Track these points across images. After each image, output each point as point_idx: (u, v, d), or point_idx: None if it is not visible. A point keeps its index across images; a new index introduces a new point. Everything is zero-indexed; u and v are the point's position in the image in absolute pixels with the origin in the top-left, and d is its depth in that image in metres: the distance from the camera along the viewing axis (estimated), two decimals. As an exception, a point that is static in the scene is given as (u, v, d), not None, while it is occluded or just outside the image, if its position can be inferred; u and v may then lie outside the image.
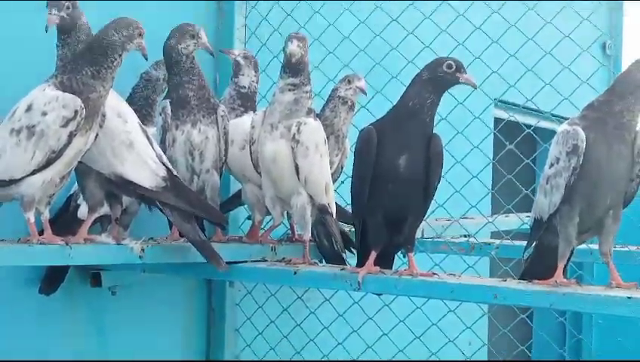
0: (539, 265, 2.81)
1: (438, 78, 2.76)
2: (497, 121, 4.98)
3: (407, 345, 3.63)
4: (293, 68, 2.94)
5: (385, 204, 2.76)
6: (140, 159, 2.68)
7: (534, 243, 2.89)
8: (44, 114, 2.48)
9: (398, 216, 2.78)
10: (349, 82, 3.35)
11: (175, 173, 2.80)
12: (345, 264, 3.09)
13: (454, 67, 2.76)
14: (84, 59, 2.55)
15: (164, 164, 2.74)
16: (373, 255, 2.81)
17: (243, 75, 3.31)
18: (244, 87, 3.32)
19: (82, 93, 2.50)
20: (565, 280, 2.67)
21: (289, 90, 2.95)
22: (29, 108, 2.50)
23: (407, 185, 2.74)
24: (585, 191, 2.63)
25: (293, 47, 2.92)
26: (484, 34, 3.59)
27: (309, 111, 2.99)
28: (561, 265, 2.68)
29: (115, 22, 2.60)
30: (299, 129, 2.93)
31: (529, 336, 4.23)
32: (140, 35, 2.61)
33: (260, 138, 3.00)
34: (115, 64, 2.56)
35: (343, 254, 3.17)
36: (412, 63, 3.41)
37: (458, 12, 3.62)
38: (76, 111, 2.48)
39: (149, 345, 3.42)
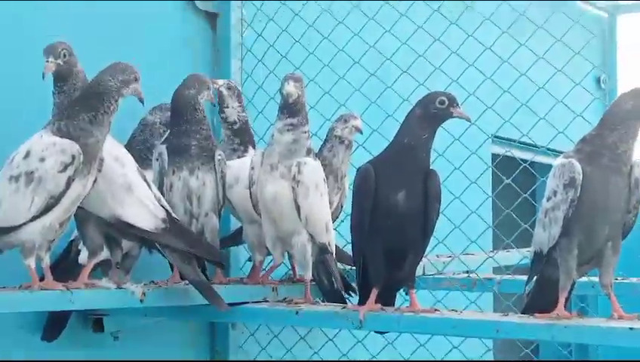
0: (541, 298, 2.81)
1: (432, 113, 2.78)
2: (495, 156, 5.02)
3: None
4: (291, 108, 2.97)
5: (384, 241, 2.77)
6: (139, 202, 2.70)
7: (535, 277, 2.89)
8: (42, 160, 2.50)
9: (398, 253, 2.79)
10: (345, 121, 3.39)
11: (174, 215, 2.82)
12: (345, 302, 3.09)
13: (447, 102, 2.78)
14: (80, 105, 2.57)
15: (162, 206, 2.76)
16: (374, 292, 2.81)
17: (227, 107, 3.34)
18: (235, 123, 3.34)
19: (79, 139, 2.53)
20: (567, 312, 2.68)
21: (287, 130, 2.97)
22: (27, 155, 2.52)
23: (405, 222, 2.75)
24: (583, 223, 2.64)
25: (290, 87, 2.95)
26: (477, 70, 3.62)
27: (309, 151, 3.00)
28: (562, 298, 2.68)
29: (110, 67, 2.63)
30: (299, 169, 2.95)
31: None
32: (136, 79, 2.64)
33: (260, 179, 3.02)
34: (111, 109, 2.59)
35: (343, 293, 3.17)
36: (407, 101, 3.44)
37: (451, 50, 3.66)
38: (74, 156, 2.50)
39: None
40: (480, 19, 3.67)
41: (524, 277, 3.68)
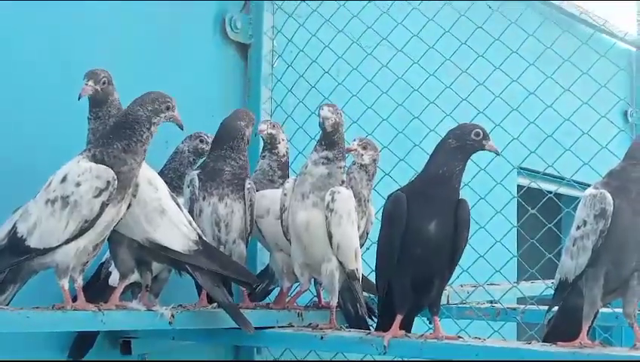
0: (563, 326, 2.83)
1: (467, 145, 2.82)
2: (520, 187, 5.03)
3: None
4: (329, 138, 2.98)
5: (412, 268, 2.81)
6: (172, 224, 2.77)
7: (558, 306, 2.91)
8: (78, 184, 2.57)
9: (425, 280, 2.83)
10: (364, 148, 3.42)
11: (204, 237, 2.87)
12: (369, 329, 3.12)
13: (482, 135, 2.83)
14: (114, 134, 2.65)
15: (194, 229, 2.82)
16: (398, 318, 2.84)
17: (279, 142, 3.40)
18: (284, 156, 3.41)
19: (114, 166, 2.60)
20: (589, 341, 2.69)
21: (322, 163, 3.00)
22: (63, 180, 2.59)
23: (435, 250, 2.79)
24: (611, 254, 2.67)
25: (325, 111, 2.96)
26: (503, 101, 3.66)
27: (342, 183, 3.04)
28: (585, 327, 2.71)
29: (142, 96, 2.71)
30: (333, 198, 2.98)
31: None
32: (169, 108, 2.70)
33: (292, 206, 3.05)
34: (144, 137, 2.65)
35: (367, 319, 3.21)
36: (434, 131, 3.50)
37: (478, 81, 3.71)
38: (108, 182, 2.57)
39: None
40: (507, 52, 3.72)
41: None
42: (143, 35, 3.53)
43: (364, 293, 3.35)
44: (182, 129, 2.81)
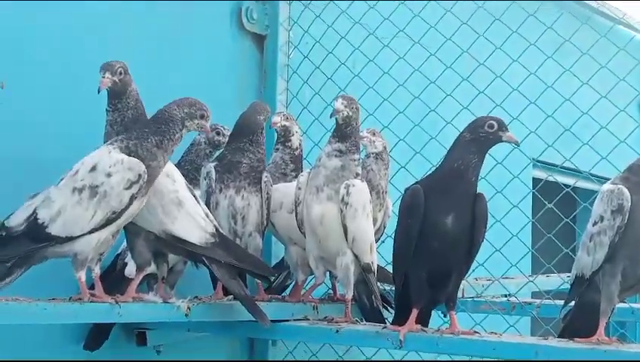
0: (579, 322, 2.82)
1: (481, 138, 2.80)
2: (536, 181, 5.01)
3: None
4: (341, 131, 2.97)
5: (429, 262, 2.79)
6: (189, 216, 2.76)
7: (574, 301, 2.90)
8: (109, 175, 2.56)
9: (442, 274, 2.81)
10: (374, 134, 3.42)
11: (221, 229, 2.87)
12: (384, 322, 3.11)
13: (496, 126, 2.80)
14: (150, 129, 2.65)
15: (211, 221, 2.82)
16: (414, 312, 2.83)
17: (293, 135, 3.39)
18: (297, 149, 3.39)
19: (145, 160, 2.60)
20: (607, 337, 2.67)
21: (335, 156, 2.98)
22: (93, 169, 2.57)
23: (453, 244, 2.77)
24: (628, 250, 2.65)
25: (338, 104, 2.95)
26: (521, 94, 3.64)
27: (356, 175, 3.02)
28: (602, 323, 2.69)
29: (180, 99, 2.72)
30: (348, 191, 2.96)
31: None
32: (202, 117, 2.71)
33: (306, 200, 3.04)
34: (176, 137, 2.66)
35: (383, 312, 3.21)
36: (450, 124, 3.48)
37: (495, 74, 3.68)
38: (140, 175, 2.57)
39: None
40: (525, 45, 3.69)
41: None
42: (158, 26, 3.52)
43: (380, 285, 3.35)
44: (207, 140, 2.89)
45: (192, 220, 2.75)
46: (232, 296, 2.95)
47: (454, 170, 2.79)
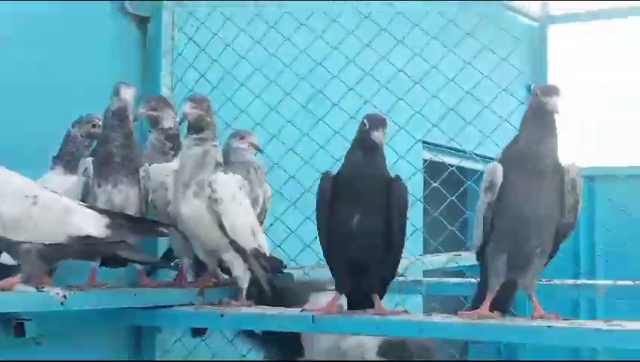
0: (481, 296, 2.78)
1: (361, 134, 2.75)
2: (426, 162, 5.07)
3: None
4: (195, 127, 2.97)
5: (344, 252, 2.75)
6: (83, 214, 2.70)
7: (479, 279, 2.90)
8: None
9: (360, 263, 2.76)
10: (242, 138, 3.40)
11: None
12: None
13: (367, 125, 2.72)
14: None
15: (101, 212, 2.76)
16: (336, 296, 2.82)
17: (164, 119, 3.30)
18: (170, 128, 3.30)
19: None
20: (490, 312, 2.69)
21: (195, 145, 2.97)
22: None
23: (361, 241, 2.71)
24: (507, 227, 2.66)
25: (186, 108, 2.95)
26: (407, 76, 3.66)
27: (218, 165, 2.99)
28: (488, 298, 2.71)
29: None
30: (212, 188, 2.94)
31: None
32: None
33: (175, 199, 3.00)
34: None
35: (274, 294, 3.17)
36: (337, 105, 3.48)
37: (380, 55, 3.69)
38: None
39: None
40: (410, 26, 3.71)
41: (452, 280, 3.76)
42: (37, 8, 3.37)
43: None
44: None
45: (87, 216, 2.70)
46: (109, 283, 2.90)
47: (355, 164, 2.73)
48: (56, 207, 2.66)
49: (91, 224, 2.68)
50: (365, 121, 2.73)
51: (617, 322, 2.48)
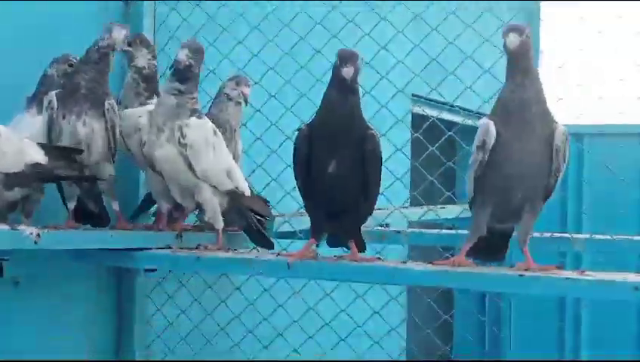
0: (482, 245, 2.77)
1: (335, 72, 2.70)
2: (416, 116, 5.06)
3: (317, 332, 3.65)
4: (181, 75, 2.96)
5: (322, 200, 2.75)
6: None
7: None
8: None
9: (337, 212, 2.76)
10: (237, 84, 3.38)
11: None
12: (270, 243, 3.18)
13: (338, 62, 2.67)
14: None
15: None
16: (311, 241, 2.82)
17: (137, 57, 3.27)
18: (144, 68, 3.27)
19: None
20: (466, 261, 2.70)
21: (173, 94, 2.97)
22: None
23: (338, 186, 2.70)
24: (495, 183, 2.64)
25: (182, 55, 2.95)
26: (390, 24, 3.62)
27: (193, 112, 2.99)
28: (465, 246, 2.72)
29: None
30: (182, 132, 2.95)
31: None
32: None
33: (149, 141, 3.01)
34: None
35: (264, 233, 3.22)
36: (304, 69, 3.49)
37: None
38: None
39: (56, 337, 3.33)
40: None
41: (431, 231, 3.77)
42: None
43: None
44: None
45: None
46: (88, 224, 2.90)
47: (329, 109, 2.69)
48: (15, 139, 2.76)
49: (38, 153, 2.81)
50: (337, 57, 2.69)
51: (590, 273, 2.49)
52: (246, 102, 3.41)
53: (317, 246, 3.32)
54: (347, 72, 2.63)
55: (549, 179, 2.65)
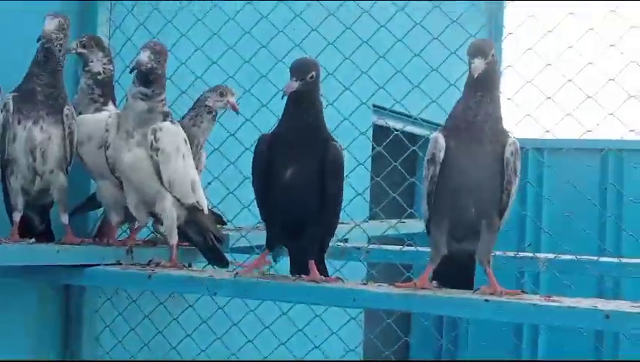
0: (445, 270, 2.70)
1: None
2: (378, 128, 4.98)
3: (273, 351, 3.54)
4: (144, 77, 2.85)
5: (279, 212, 2.69)
6: None
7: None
8: None
9: (295, 225, 2.69)
10: (222, 95, 3.26)
11: None
12: (225, 261, 3.09)
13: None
14: None
15: None
16: (260, 257, 2.77)
17: (92, 61, 3.14)
18: (100, 73, 3.14)
19: None
20: (428, 283, 2.61)
21: (140, 99, 2.86)
22: None
23: (295, 197, 2.64)
24: (448, 198, 2.57)
25: (144, 57, 2.83)
26: (355, 34, 3.53)
27: (165, 115, 2.90)
28: (428, 269, 2.64)
29: None
30: (155, 136, 2.85)
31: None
32: None
33: (116, 145, 2.90)
34: None
35: (220, 250, 3.13)
36: (264, 77, 3.44)
37: (329, 11, 3.55)
38: None
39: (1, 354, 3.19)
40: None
41: (392, 247, 3.68)
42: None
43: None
44: None
45: None
46: (33, 238, 2.77)
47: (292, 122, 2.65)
48: None
49: None
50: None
51: (557, 298, 2.42)
52: (237, 112, 3.30)
53: (274, 260, 3.26)
54: (291, 85, 2.59)
55: (501, 193, 2.57)
